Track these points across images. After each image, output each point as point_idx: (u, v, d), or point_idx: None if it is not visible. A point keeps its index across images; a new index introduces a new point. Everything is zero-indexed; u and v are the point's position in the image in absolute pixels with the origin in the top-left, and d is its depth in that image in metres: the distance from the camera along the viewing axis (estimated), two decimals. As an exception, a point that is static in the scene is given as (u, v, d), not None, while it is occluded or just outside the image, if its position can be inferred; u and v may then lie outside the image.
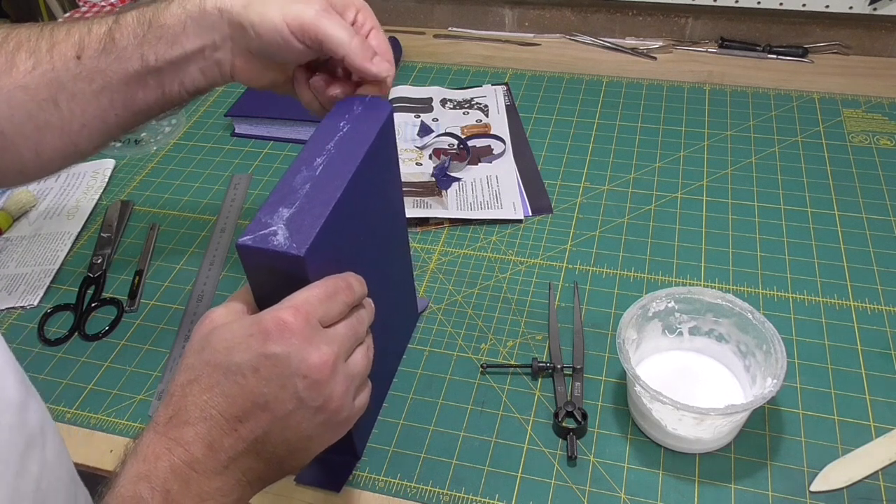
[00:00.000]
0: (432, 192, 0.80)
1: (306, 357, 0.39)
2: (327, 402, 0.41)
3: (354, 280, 0.44)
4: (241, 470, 0.40)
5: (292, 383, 0.39)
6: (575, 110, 0.93)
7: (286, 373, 0.39)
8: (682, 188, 0.80)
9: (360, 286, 0.44)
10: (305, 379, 0.39)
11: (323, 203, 0.43)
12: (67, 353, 0.68)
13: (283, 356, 0.39)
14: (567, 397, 0.60)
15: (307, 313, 0.40)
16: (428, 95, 0.97)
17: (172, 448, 0.38)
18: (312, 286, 0.42)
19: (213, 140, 0.93)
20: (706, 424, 0.52)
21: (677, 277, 0.70)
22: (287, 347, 0.39)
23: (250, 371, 0.39)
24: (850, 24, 0.97)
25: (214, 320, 0.42)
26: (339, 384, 0.41)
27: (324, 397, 0.40)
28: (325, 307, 0.41)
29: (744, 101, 0.92)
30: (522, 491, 0.54)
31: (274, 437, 0.40)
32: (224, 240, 0.77)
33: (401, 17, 1.13)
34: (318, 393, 0.40)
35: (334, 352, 0.40)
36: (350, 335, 0.43)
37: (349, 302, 0.43)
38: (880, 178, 0.79)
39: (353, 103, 0.51)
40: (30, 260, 0.77)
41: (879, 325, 0.64)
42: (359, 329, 0.44)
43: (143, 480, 0.38)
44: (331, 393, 0.40)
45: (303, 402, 0.40)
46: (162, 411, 0.40)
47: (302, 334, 0.39)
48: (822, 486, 0.53)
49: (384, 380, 0.61)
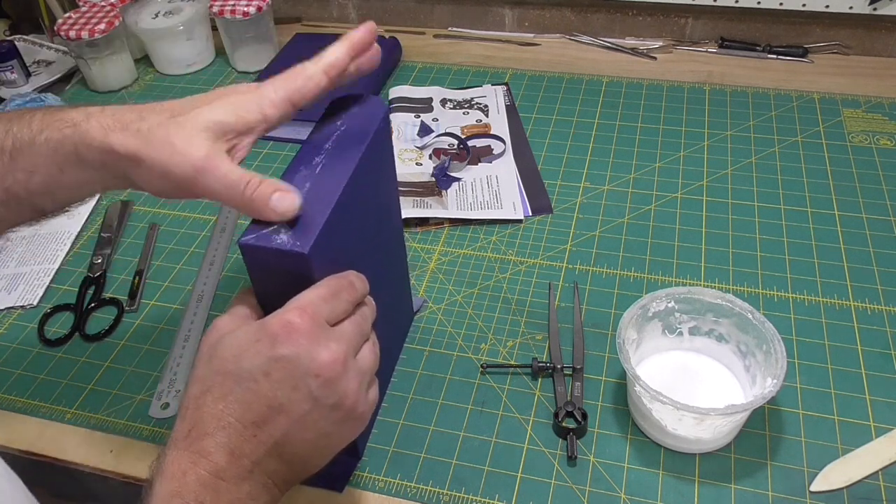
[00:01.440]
0: (432, 192, 0.80)
1: (316, 356, 0.39)
2: (342, 399, 0.41)
3: (356, 278, 0.44)
4: (267, 473, 0.40)
5: (305, 384, 0.39)
6: (575, 110, 0.93)
7: (298, 374, 0.39)
8: (682, 188, 0.80)
9: (361, 284, 0.45)
10: (318, 378, 0.39)
11: (323, 201, 0.43)
12: (67, 353, 0.67)
13: (293, 357, 0.39)
14: (567, 397, 0.60)
15: (313, 313, 0.40)
16: (428, 95, 0.97)
17: (197, 461, 0.38)
18: (315, 286, 0.42)
19: (213, 140, 0.93)
20: (706, 424, 0.52)
21: (677, 277, 0.70)
22: (296, 348, 0.39)
23: (262, 375, 0.39)
24: (850, 24, 0.97)
25: (221, 329, 0.42)
26: (352, 380, 0.41)
27: (338, 395, 0.40)
28: (331, 306, 0.41)
29: (744, 101, 0.92)
30: (522, 491, 0.54)
31: (294, 438, 0.40)
32: (224, 240, 0.77)
33: (401, 17, 1.13)
34: (331, 391, 0.40)
35: (343, 349, 0.41)
36: (357, 332, 0.43)
37: (353, 300, 0.43)
38: (880, 178, 0.79)
39: (349, 101, 0.51)
40: (30, 260, 0.77)
41: (879, 325, 0.64)
42: (364, 326, 0.44)
43: (176, 497, 0.38)
44: (345, 389, 0.41)
45: (318, 401, 0.40)
46: (179, 426, 0.40)
47: (309, 334, 0.39)
48: (822, 486, 0.53)
49: (383, 379, 0.61)
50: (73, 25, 0.98)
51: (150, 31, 1.03)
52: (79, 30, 0.97)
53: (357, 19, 1.14)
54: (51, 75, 1.08)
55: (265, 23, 1.04)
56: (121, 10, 1.02)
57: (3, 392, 0.65)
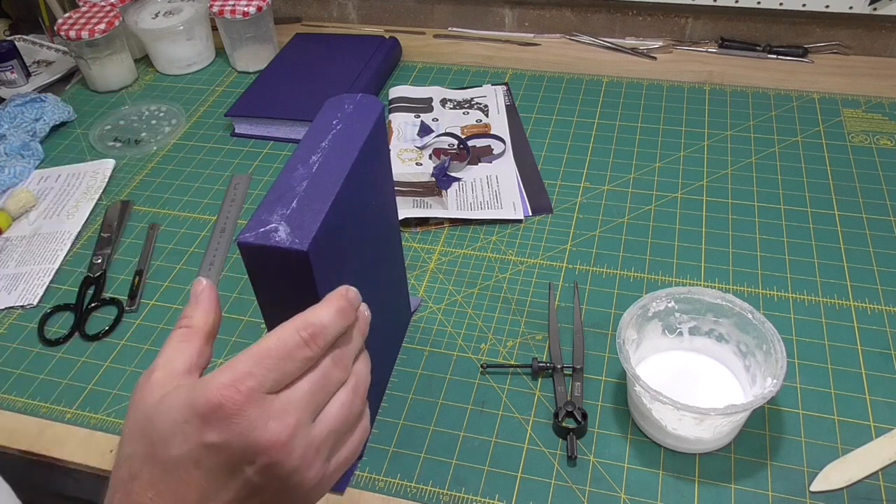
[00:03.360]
0: (432, 192, 0.80)
1: (250, 442, 0.34)
2: (287, 482, 0.35)
3: (329, 311, 0.38)
4: None
5: (241, 472, 0.34)
6: (575, 110, 0.93)
7: (231, 461, 0.34)
8: (682, 188, 0.80)
9: (338, 316, 0.38)
10: (253, 465, 0.34)
11: (321, 199, 0.43)
12: (67, 353, 0.68)
13: (223, 445, 0.34)
14: (567, 397, 0.60)
15: (249, 389, 0.34)
16: (428, 95, 0.97)
17: None
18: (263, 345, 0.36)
19: (213, 140, 0.93)
20: (706, 424, 0.52)
21: (677, 277, 0.70)
22: (226, 434, 0.34)
23: (192, 464, 0.34)
24: (850, 24, 0.97)
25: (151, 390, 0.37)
26: (303, 458, 0.36)
27: (281, 478, 0.35)
28: (277, 373, 0.35)
29: (744, 101, 0.92)
30: (522, 491, 0.54)
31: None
32: (224, 240, 0.78)
33: (401, 17, 1.13)
34: (273, 475, 0.35)
35: (288, 425, 0.35)
36: (316, 389, 0.37)
37: (313, 356, 0.37)
38: (880, 178, 0.79)
39: (345, 101, 0.51)
40: (29, 260, 0.77)
41: (879, 325, 0.64)
42: (333, 374, 0.38)
43: None
44: (293, 469, 0.35)
45: (258, 487, 0.35)
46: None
47: (242, 416, 0.34)
48: (822, 486, 0.53)
49: (381, 379, 0.61)
50: (73, 25, 0.98)
51: (150, 31, 1.03)
52: (79, 30, 0.97)
53: (357, 19, 1.14)
54: (51, 75, 1.08)
55: (265, 23, 1.04)
56: (121, 10, 1.03)
57: (3, 392, 0.65)
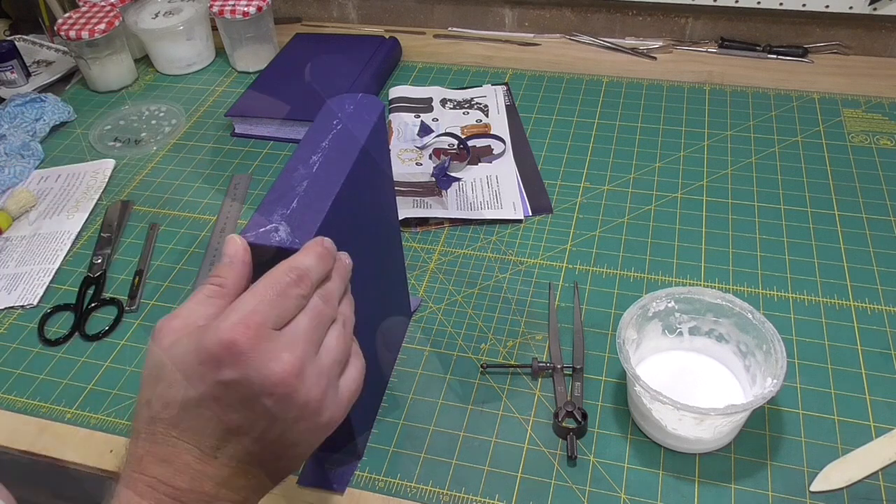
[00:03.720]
0: (432, 192, 0.80)
1: (267, 374, 0.36)
2: (304, 410, 0.38)
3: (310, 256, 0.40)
4: (234, 489, 0.38)
5: (259, 404, 0.37)
6: (575, 110, 0.93)
7: (249, 395, 0.36)
8: (682, 188, 0.80)
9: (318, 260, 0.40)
10: (272, 396, 0.36)
11: (321, 199, 0.43)
12: (67, 353, 0.68)
13: (241, 380, 0.36)
14: (567, 397, 0.60)
15: (257, 325, 0.36)
16: (428, 95, 0.97)
17: (155, 486, 0.37)
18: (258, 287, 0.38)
19: (213, 140, 0.93)
20: (706, 424, 0.52)
21: (677, 277, 0.70)
22: (243, 370, 0.36)
23: (212, 401, 0.36)
24: (850, 24, 0.97)
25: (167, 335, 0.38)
26: (313, 386, 0.38)
27: (298, 406, 0.38)
28: (278, 309, 0.38)
29: (744, 101, 0.92)
30: (522, 491, 0.54)
31: (257, 454, 0.38)
32: (224, 240, 0.77)
33: (401, 17, 1.13)
34: (290, 404, 0.37)
35: (298, 356, 0.37)
36: (314, 325, 0.39)
37: (305, 291, 0.39)
38: (880, 178, 0.79)
39: (345, 101, 0.51)
40: (29, 259, 0.77)
41: (879, 325, 0.64)
42: (325, 310, 0.40)
43: None
44: (305, 399, 0.38)
45: (276, 417, 0.37)
46: (133, 450, 0.38)
47: (255, 350, 0.36)
48: (822, 486, 0.53)
49: (381, 379, 0.61)
50: (73, 25, 0.98)
51: (150, 31, 1.03)
52: (79, 30, 0.97)
53: (357, 19, 1.14)
54: (51, 75, 1.08)
55: (265, 23, 1.04)
56: (121, 10, 1.03)
57: (3, 392, 0.65)
